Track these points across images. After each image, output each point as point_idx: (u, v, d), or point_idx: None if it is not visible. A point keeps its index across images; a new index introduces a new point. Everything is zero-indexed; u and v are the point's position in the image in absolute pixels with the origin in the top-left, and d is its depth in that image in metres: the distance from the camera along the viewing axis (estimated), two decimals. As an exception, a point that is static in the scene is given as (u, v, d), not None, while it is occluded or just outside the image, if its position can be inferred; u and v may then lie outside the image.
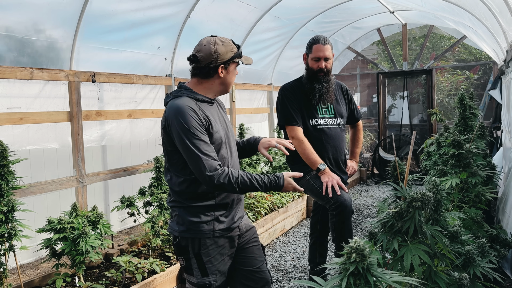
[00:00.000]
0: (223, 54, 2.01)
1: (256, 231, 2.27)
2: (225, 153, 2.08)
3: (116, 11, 4.04)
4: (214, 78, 2.05)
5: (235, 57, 2.06)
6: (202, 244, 2.01)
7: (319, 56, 2.96)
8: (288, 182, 2.04)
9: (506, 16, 3.63)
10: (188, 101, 1.98)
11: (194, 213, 2.02)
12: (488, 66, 9.52)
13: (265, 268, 2.22)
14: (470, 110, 3.56)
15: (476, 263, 1.77)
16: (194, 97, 2.02)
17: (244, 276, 2.16)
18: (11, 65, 3.34)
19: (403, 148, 8.38)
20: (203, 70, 2.03)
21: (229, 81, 2.10)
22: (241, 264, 2.16)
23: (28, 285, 2.95)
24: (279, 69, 7.32)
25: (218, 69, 2.02)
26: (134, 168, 4.37)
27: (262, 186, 1.97)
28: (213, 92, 2.10)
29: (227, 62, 2.03)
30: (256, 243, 2.23)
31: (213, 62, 2.00)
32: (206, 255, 2.01)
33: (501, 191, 3.89)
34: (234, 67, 2.09)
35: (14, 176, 2.64)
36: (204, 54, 2.00)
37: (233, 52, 2.04)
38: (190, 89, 2.05)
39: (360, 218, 5.56)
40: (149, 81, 4.62)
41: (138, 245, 3.81)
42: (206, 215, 2.02)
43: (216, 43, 2.01)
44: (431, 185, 1.71)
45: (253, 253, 2.20)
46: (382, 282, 1.19)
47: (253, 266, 2.17)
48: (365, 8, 7.11)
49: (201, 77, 2.05)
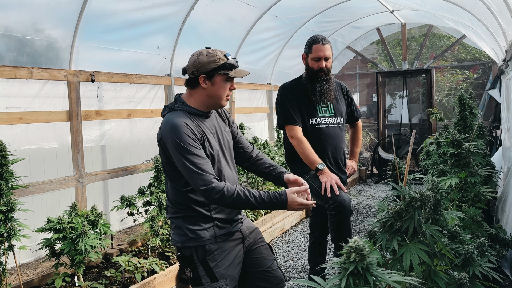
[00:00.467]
0: (204, 65, 2.00)
1: (260, 232, 2.26)
2: (221, 167, 2.08)
3: (115, 10, 4.03)
4: (199, 88, 2.05)
5: (220, 69, 2.00)
6: (207, 250, 2.00)
7: (319, 56, 2.95)
8: (293, 200, 1.92)
9: (506, 15, 3.63)
10: (183, 115, 2.00)
11: (193, 221, 2.02)
12: (487, 65, 9.53)
13: (276, 267, 2.21)
14: (469, 110, 3.56)
15: (475, 262, 1.77)
16: (188, 110, 2.04)
17: (257, 277, 2.15)
18: (11, 65, 3.33)
19: (402, 148, 8.39)
20: (188, 80, 2.08)
21: (216, 94, 2.04)
22: (251, 266, 2.16)
23: (28, 285, 2.95)
24: (278, 68, 7.32)
25: (199, 79, 2.02)
26: (133, 167, 4.37)
27: (260, 204, 1.90)
28: (204, 104, 2.08)
29: (209, 73, 2.01)
30: (262, 243, 2.23)
31: (195, 72, 2.02)
32: (212, 260, 2.00)
33: (501, 190, 3.89)
34: (221, 79, 2.03)
35: (13, 176, 2.63)
36: (189, 64, 2.05)
37: (216, 63, 1.99)
38: (184, 102, 2.08)
39: (359, 217, 5.57)
40: (149, 80, 4.61)
41: (137, 244, 3.81)
42: (206, 222, 2.03)
43: (201, 53, 2.02)
44: (430, 184, 1.71)
45: (261, 253, 2.19)
46: (381, 281, 1.19)
47: (264, 266, 2.17)
48: (364, 7, 7.11)
49: (189, 88, 2.09)
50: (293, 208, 1.93)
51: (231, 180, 2.14)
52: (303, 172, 3.00)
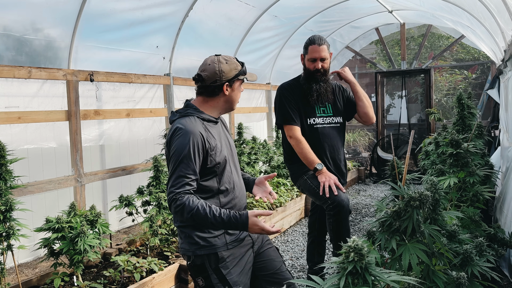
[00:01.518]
0: (228, 72, 2.04)
1: (266, 235, 2.24)
2: (229, 172, 2.09)
3: (114, 10, 4.03)
4: (220, 96, 2.08)
5: (239, 74, 2.08)
6: (220, 258, 1.99)
7: (314, 57, 2.95)
8: (254, 223, 1.87)
9: (504, 16, 3.64)
10: (194, 121, 2.00)
11: (203, 229, 2.00)
12: (486, 65, 9.54)
13: (285, 269, 2.21)
14: (468, 110, 3.57)
15: (474, 262, 1.78)
16: (201, 116, 2.05)
17: (267, 281, 2.14)
18: (9, 64, 3.33)
19: (401, 148, 8.39)
20: (208, 88, 2.06)
21: (234, 98, 2.13)
22: (260, 270, 2.15)
23: (26, 285, 2.94)
24: (277, 68, 7.32)
25: (223, 87, 2.05)
26: (132, 167, 4.37)
27: (219, 223, 1.86)
28: (218, 110, 2.12)
29: (232, 79, 2.06)
30: (270, 246, 2.23)
31: (218, 81, 2.03)
32: (225, 268, 1.99)
33: (499, 190, 3.90)
34: (238, 84, 2.12)
35: (12, 175, 2.63)
36: (209, 73, 2.03)
37: (237, 70, 2.07)
38: (197, 108, 2.08)
39: (358, 217, 5.57)
40: (148, 80, 4.61)
41: (136, 244, 3.81)
42: (216, 229, 2.01)
43: (220, 61, 2.04)
44: (429, 184, 1.71)
45: (269, 255, 2.19)
46: (380, 281, 1.19)
47: (274, 269, 2.16)
48: (363, 7, 7.11)
49: (206, 96, 2.08)
50: (254, 231, 1.89)
51: (238, 185, 2.14)
52: (302, 172, 3.00)
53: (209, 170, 2.00)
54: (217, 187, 2.04)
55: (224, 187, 2.06)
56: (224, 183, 2.06)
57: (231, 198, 2.09)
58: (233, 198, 2.10)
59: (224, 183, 2.06)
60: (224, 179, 2.05)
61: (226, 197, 2.07)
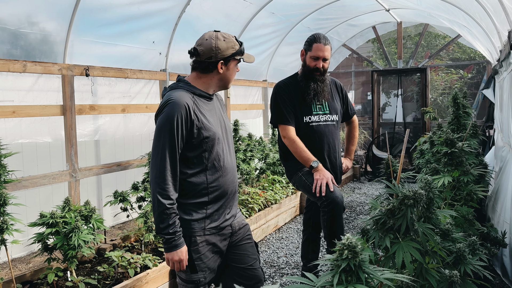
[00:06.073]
0: (224, 50, 2.00)
1: (249, 229, 2.26)
2: (221, 151, 2.06)
3: (111, 4, 4.00)
4: (213, 73, 2.04)
5: (236, 54, 2.05)
6: (192, 242, 2.00)
7: (318, 55, 2.95)
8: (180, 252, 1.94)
9: (501, 16, 3.65)
10: (184, 95, 1.97)
11: (186, 210, 2.01)
12: (482, 65, 9.58)
13: (258, 266, 2.21)
14: (463, 109, 3.58)
15: (466, 260, 1.79)
16: (192, 90, 2.01)
17: (236, 273, 2.15)
18: (4, 58, 3.30)
19: (396, 146, 8.43)
20: (202, 64, 2.02)
21: (229, 78, 2.09)
22: (233, 261, 2.16)
23: (20, 279, 2.93)
24: (274, 65, 7.31)
25: (218, 64, 2.02)
26: (127, 163, 4.36)
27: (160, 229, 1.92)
28: (212, 87, 2.09)
29: (227, 58, 2.03)
30: (249, 241, 2.22)
31: (213, 57, 2.00)
32: (196, 252, 2.01)
33: (492, 189, 3.92)
34: (234, 64, 2.08)
35: (6, 170, 2.62)
36: (204, 48, 2.00)
37: (234, 49, 2.04)
38: (189, 83, 2.05)
39: (352, 215, 5.59)
40: (144, 75, 4.59)
41: (131, 240, 3.81)
42: (197, 213, 2.01)
43: (218, 38, 2.01)
44: (423, 183, 1.72)
45: (246, 250, 2.19)
46: (373, 279, 1.20)
47: (246, 264, 2.17)
48: (360, 5, 7.12)
49: (200, 71, 2.05)
50: (172, 258, 1.94)
51: (229, 166, 2.11)
52: (296, 168, 3.00)
53: (196, 142, 1.97)
54: (205, 163, 2.01)
55: (212, 164, 2.02)
56: (214, 160, 2.02)
57: (218, 177, 2.04)
58: (220, 176, 2.05)
59: (213, 160, 2.02)
60: (213, 156, 2.01)
61: (213, 175, 2.03)
